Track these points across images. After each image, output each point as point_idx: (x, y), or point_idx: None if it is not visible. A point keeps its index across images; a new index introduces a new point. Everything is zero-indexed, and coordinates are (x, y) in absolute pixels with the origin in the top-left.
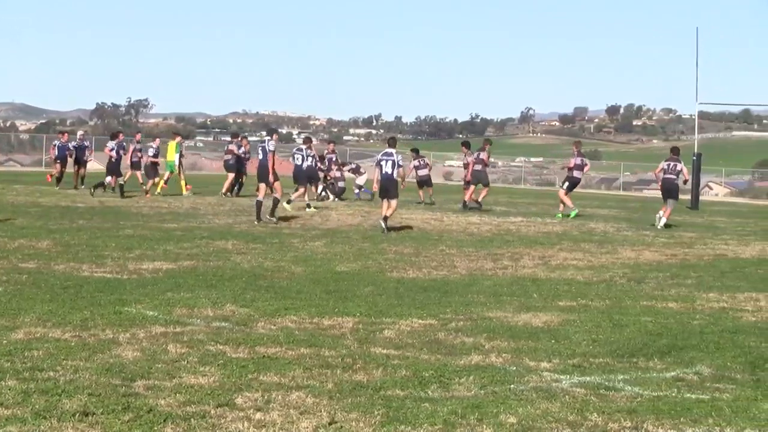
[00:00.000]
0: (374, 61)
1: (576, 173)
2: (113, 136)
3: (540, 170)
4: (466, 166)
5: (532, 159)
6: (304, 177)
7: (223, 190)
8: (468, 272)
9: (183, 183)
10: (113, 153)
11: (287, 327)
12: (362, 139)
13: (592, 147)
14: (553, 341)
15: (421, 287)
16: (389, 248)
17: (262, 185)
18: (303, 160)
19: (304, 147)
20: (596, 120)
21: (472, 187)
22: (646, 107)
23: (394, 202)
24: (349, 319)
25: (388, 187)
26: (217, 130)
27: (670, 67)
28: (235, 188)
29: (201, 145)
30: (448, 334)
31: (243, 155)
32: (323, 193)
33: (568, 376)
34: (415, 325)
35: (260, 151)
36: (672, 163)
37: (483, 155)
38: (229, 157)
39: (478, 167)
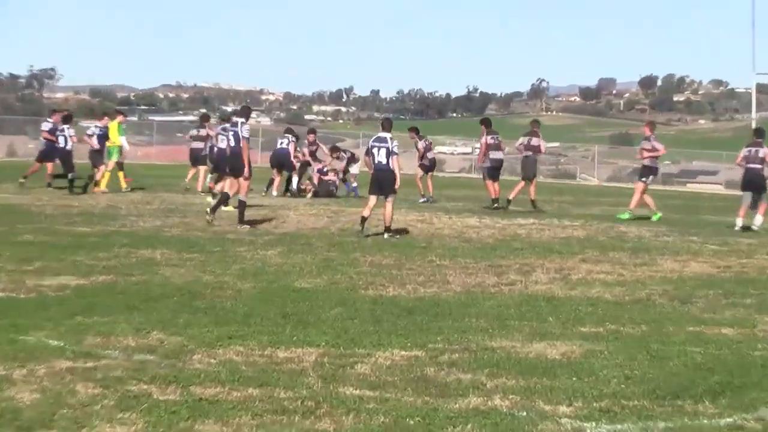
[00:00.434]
0: (344, 21)
1: (655, 162)
2: (67, 119)
3: (556, 159)
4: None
5: (547, 144)
6: (225, 164)
7: (215, 188)
8: (464, 289)
9: (122, 174)
10: (93, 140)
11: (231, 361)
12: (329, 118)
13: (620, 129)
14: (574, 378)
15: (404, 308)
16: (363, 258)
17: (241, 182)
18: (231, 142)
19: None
20: (627, 95)
21: (521, 182)
22: (690, 79)
23: (390, 201)
24: (312, 351)
25: (382, 181)
26: (143, 107)
27: (720, 29)
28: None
29: (123, 126)
30: (440, 370)
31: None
32: (299, 191)
33: (594, 424)
34: (396, 357)
35: (231, 138)
36: (754, 149)
37: (536, 141)
38: (201, 145)
39: (528, 154)
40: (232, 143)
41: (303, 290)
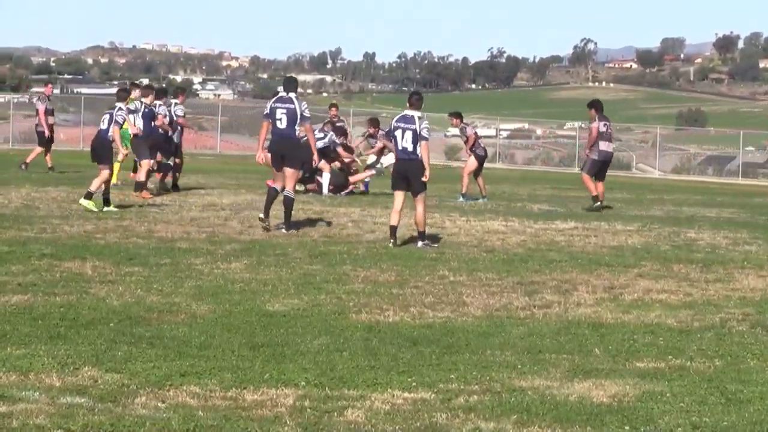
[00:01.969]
0: None
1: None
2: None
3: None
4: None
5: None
6: (108, 151)
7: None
8: (486, 313)
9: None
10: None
11: (185, 405)
12: (309, 91)
13: (690, 105)
14: (626, 428)
15: (408, 338)
16: (355, 273)
17: (291, 173)
18: (283, 122)
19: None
20: (698, 60)
21: None
22: None
23: (421, 199)
24: (289, 392)
25: (407, 173)
26: (67, 75)
27: None
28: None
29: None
30: (453, 416)
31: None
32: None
33: None
34: (397, 400)
35: (284, 117)
36: None
37: None
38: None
39: None
40: (284, 124)
41: (277, 314)
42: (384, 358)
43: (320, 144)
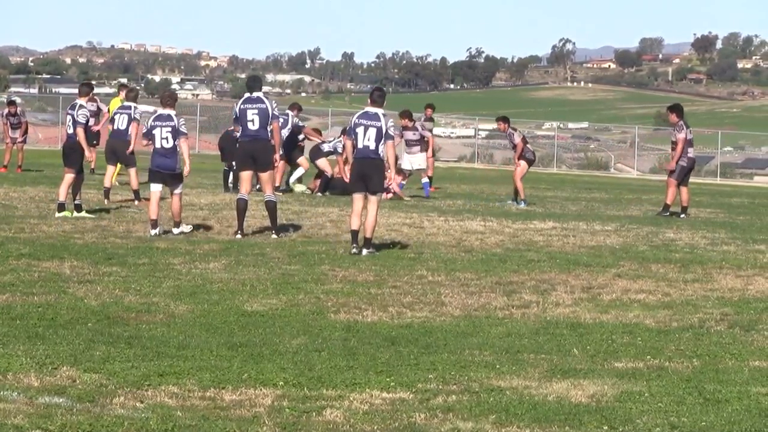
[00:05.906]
0: None
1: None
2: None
3: (585, 143)
4: (674, 145)
5: (571, 125)
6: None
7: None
8: (465, 313)
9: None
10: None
11: (163, 405)
12: (288, 91)
13: (668, 105)
14: (605, 427)
15: (386, 338)
16: (333, 273)
17: (266, 176)
18: (255, 123)
19: (259, 95)
20: (677, 60)
21: None
22: (760, 39)
23: (375, 202)
24: (267, 391)
25: (368, 173)
26: (45, 75)
27: None
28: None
29: (19, 100)
30: (432, 416)
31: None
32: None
33: None
34: (376, 400)
35: (256, 118)
36: None
37: None
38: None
39: None
40: (256, 125)
41: (255, 314)
42: (362, 358)
43: (327, 147)
